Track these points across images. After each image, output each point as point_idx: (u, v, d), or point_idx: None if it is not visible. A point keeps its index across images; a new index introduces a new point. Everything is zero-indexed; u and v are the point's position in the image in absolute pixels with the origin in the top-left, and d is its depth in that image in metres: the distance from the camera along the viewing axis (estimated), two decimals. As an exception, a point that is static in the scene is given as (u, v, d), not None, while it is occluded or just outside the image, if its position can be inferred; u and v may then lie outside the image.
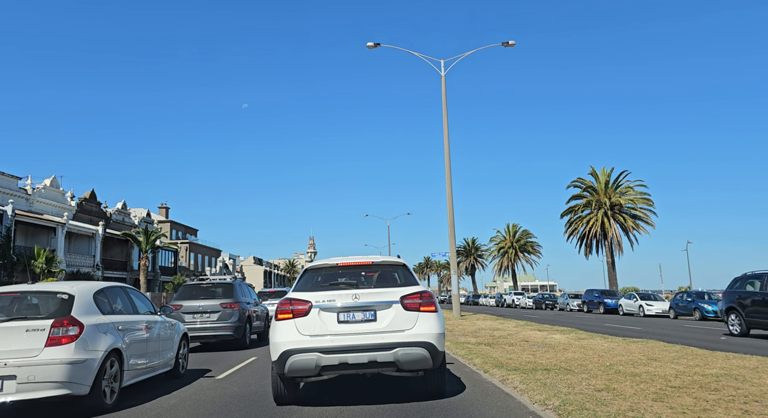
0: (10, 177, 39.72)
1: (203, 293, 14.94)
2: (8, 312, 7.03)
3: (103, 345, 7.11)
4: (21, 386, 6.36)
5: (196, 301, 14.52)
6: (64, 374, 6.51)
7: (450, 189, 27.85)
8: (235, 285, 15.54)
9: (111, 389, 7.28)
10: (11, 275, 34.80)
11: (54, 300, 7.24)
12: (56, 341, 6.62)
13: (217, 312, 14.35)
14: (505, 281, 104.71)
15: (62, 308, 7.04)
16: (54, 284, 7.97)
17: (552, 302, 48.04)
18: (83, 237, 46.14)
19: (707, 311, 26.87)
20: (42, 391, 6.44)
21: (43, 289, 7.58)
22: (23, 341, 6.57)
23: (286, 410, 6.71)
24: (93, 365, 6.85)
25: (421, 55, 29.14)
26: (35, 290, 7.49)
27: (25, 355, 6.47)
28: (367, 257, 7.52)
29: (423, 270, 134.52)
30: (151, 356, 8.66)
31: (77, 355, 6.67)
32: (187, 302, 14.48)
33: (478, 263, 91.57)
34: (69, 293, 7.27)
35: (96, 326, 7.17)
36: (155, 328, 8.97)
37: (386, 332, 6.46)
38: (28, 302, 7.36)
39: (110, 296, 8.16)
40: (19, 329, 6.65)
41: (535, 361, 9.85)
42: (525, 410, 6.38)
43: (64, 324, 6.76)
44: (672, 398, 6.42)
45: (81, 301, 7.28)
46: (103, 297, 7.88)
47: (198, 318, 14.29)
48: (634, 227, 48.02)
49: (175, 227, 72.36)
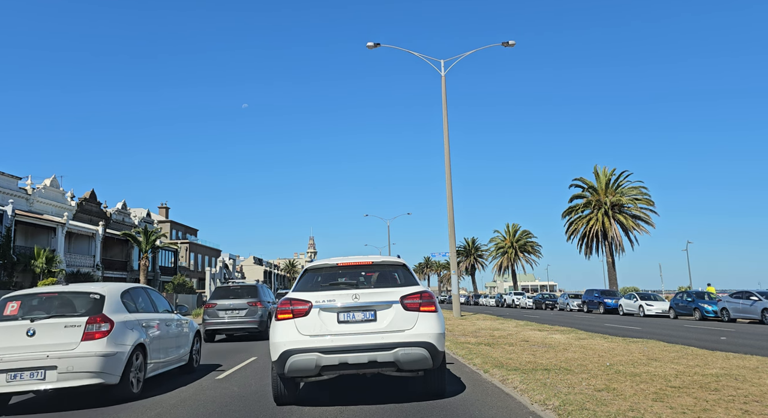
0: (10, 177, 39.71)
1: (232, 293, 17.83)
2: (48, 310, 7.79)
3: (130, 340, 7.92)
4: (61, 376, 7.18)
5: (227, 300, 17.41)
6: (97, 366, 7.34)
7: (450, 189, 27.85)
8: (258, 287, 18.51)
9: (137, 379, 8.10)
10: (11, 275, 34.75)
11: (87, 299, 8.03)
12: (91, 336, 7.46)
13: (245, 309, 17.22)
14: (505, 281, 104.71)
15: (95, 307, 7.86)
16: (86, 285, 8.75)
17: (552, 302, 48.02)
18: (83, 237, 46.13)
19: (707, 311, 26.87)
20: (79, 380, 7.26)
21: (77, 289, 8.35)
22: (62, 335, 7.38)
23: (286, 410, 6.71)
24: (122, 358, 7.66)
25: (421, 55, 29.16)
26: (70, 291, 8.27)
27: (64, 348, 7.28)
28: (367, 257, 7.51)
29: (423, 270, 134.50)
30: (170, 350, 9.48)
31: (109, 348, 7.49)
32: (220, 301, 17.42)
33: (478, 263, 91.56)
34: (100, 293, 8.10)
35: (124, 323, 7.99)
36: (173, 325, 9.78)
37: (386, 332, 6.46)
38: (64, 301, 8.07)
39: (134, 295, 9.01)
40: (59, 325, 7.46)
41: (535, 361, 9.85)
42: (525, 410, 6.38)
43: (97, 321, 7.59)
44: (672, 398, 6.42)
45: (110, 300, 8.13)
46: (128, 297, 8.73)
47: (229, 314, 17.22)
48: (635, 226, 48.02)
49: (175, 227, 72.33)
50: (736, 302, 25.06)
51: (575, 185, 52.11)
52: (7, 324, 7.47)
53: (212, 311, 17.29)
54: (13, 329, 7.40)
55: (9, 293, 7.93)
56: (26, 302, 7.93)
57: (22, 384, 7.17)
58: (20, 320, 7.51)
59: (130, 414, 6.91)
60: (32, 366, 7.16)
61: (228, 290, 18.19)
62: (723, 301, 26.37)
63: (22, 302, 7.90)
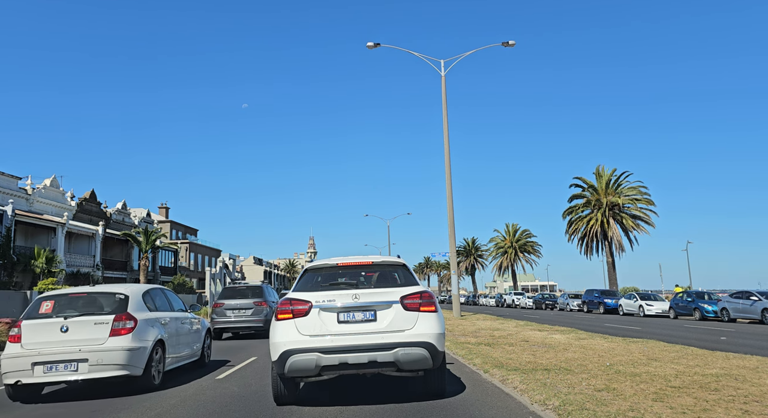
0: (10, 177, 39.70)
1: (239, 293, 18.71)
2: (78, 308, 8.51)
3: (151, 336, 8.70)
4: (91, 368, 7.97)
5: (235, 300, 18.29)
6: (124, 359, 8.10)
7: (450, 189, 27.85)
8: (264, 287, 19.49)
9: (158, 371, 8.85)
10: (11, 275, 34.74)
11: (113, 299, 8.77)
12: (117, 332, 8.21)
13: (251, 308, 18.09)
14: (505, 281, 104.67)
15: (120, 306, 8.60)
16: (111, 286, 9.46)
17: (552, 302, 48.00)
18: (83, 237, 46.11)
19: (707, 311, 26.86)
20: (107, 372, 8.04)
21: (104, 290, 9.12)
22: (92, 331, 8.16)
23: (286, 410, 6.71)
24: (145, 352, 8.43)
25: (421, 55, 29.16)
26: (98, 291, 9.04)
27: (94, 343, 8.06)
28: (367, 257, 7.51)
29: (423, 270, 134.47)
30: (185, 346, 10.25)
31: (133, 343, 8.25)
32: (228, 301, 18.31)
33: (478, 263, 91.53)
34: (125, 294, 8.86)
35: (146, 320, 8.77)
36: (187, 323, 10.59)
37: (386, 332, 6.45)
38: (92, 300, 8.81)
39: (153, 295, 9.75)
40: (89, 322, 8.23)
41: (535, 361, 9.85)
42: (525, 410, 6.38)
43: (122, 319, 8.34)
44: (672, 398, 6.42)
45: (134, 300, 8.86)
46: (148, 297, 9.46)
47: (236, 313, 18.09)
48: (635, 226, 48.01)
49: (175, 227, 72.31)
50: (736, 302, 25.06)
51: (575, 185, 52.12)
52: (43, 321, 8.24)
53: (220, 310, 18.17)
54: (48, 325, 8.17)
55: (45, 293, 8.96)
56: (59, 302, 8.62)
57: (58, 375, 7.94)
58: (54, 318, 8.26)
59: (129, 414, 6.91)
60: (66, 359, 7.95)
61: (235, 291, 19.06)
62: (723, 301, 26.36)
63: (55, 301, 8.62)
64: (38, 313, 8.42)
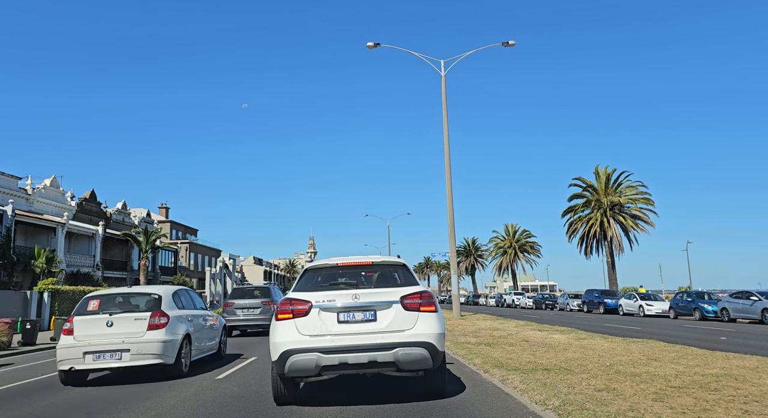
0: (10, 177, 39.69)
1: (248, 294, 20.07)
2: (120, 307, 9.99)
3: (181, 331, 10.08)
4: (133, 357, 9.37)
5: (244, 300, 19.60)
6: (159, 349, 9.47)
7: (450, 189, 27.84)
8: (270, 288, 20.78)
9: (186, 361, 10.22)
10: (11, 275, 34.71)
11: (149, 298, 10.18)
12: (154, 327, 9.57)
13: (259, 308, 19.29)
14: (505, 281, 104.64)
15: (155, 304, 9.98)
16: (146, 287, 10.94)
17: (552, 302, 47.97)
18: (83, 237, 46.10)
19: (707, 311, 26.85)
20: (145, 360, 9.41)
21: (141, 290, 10.61)
22: (133, 326, 9.54)
23: (286, 410, 6.71)
24: (176, 344, 9.80)
25: (421, 55, 29.15)
26: (136, 292, 10.55)
27: (135, 336, 9.46)
28: (367, 257, 7.50)
29: (423, 270, 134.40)
30: (207, 340, 11.58)
31: (167, 336, 9.62)
32: (238, 300, 19.64)
33: (478, 263, 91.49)
34: (158, 294, 10.24)
35: (176, 317, 10.13)
36: (208, 320, 11.95)
37: (386, 332, 6.44)
38: (131, 299, 10.29)
39: (180, 295, 11.05)
40: (130, 318, 9.64)
41: (535, 361, 9.84)
42: (525, 410, 6.37)
43: (157, 315, 9.71)
44: (672, 398, 6.41)
45: (165, 299, 10.20)
46: (177, 296, 10.76)
47: (245, 312, 19.36)
48: (634, 226, 47.99)
49: (175, 227, 72.28)
50: (736, 302, 25.05)
51: (575, 185, 52.11)
52: (92, 317, 9.65)
53: (230, 309, 19.44)
54: (96, 321, 9.59)
55: (91, 293, 10.57)
56: (103, 300, 10.07)
57: (105, 363, 9.37)
58: (101, 314, 9.69)
59: (129, 414, 6.91)
60: (112, 349, 9.37)
61: (244, 291, 20.54)
62: (723, 301, 26.35)
63: (100, 300, 10.06)
64: (86, 310, 9.85)
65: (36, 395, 8.75)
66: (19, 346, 18.19)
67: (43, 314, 29.14)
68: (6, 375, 11.67)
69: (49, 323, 28.90)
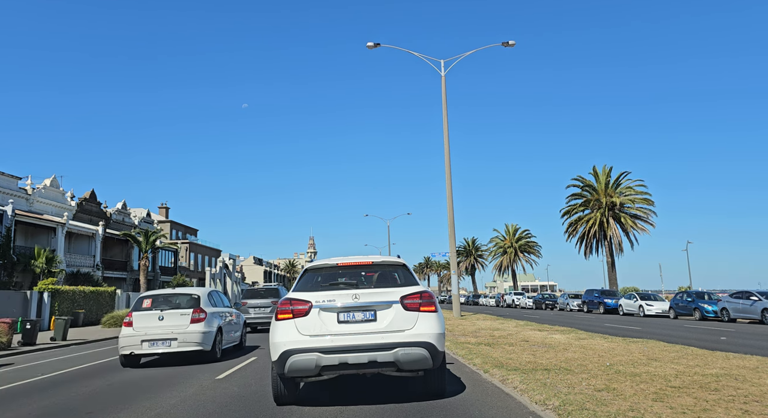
0: (10, 177, 39.69)
1: (258, 294, 22.70)
2: (168, 304, 12.30)
3: (215, 324, 12.36)
4: (180, 344, 11.71)
5: (255, 299, 22.15)
6: (200, 339, 11.80)
7: (450, 189, 27.84)
8: (279, 289, 23.34)
9: (219, 349, 12.48)
10: (11, 275, 34.71)
11: (190, 298, 12.48)
12: (195, 321, 11.91)
13: (269, 307, 21.62)
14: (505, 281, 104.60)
15: (195, 302, 12.31)
16: (188, 288, 13.32)
17: (552, 302, 47.98)
18: (83, 237, 46.09)
19: (707, 311, 26.85)
20: (189, 347, 11.74)
21: (183, 291, 12.92)
22: (179, 320, 11.90)
23: (286, 410, 6.71)
24: (212, 335, 12.09)
25: (421, 55, 29.15)
26: (179, 292, 12.82)
27: (180, 327, 11.81)
28: (367, 257, 7.50)
29: (423, 270, 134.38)
30: (233, 332, 13.87)
31: (205, 328, 11.94)
32: (250, 300, 22.20)
33: (478, 263, 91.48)
34: (197, 294, 12.62)
35: (211, 313, 12.43)
36: (233, 316, 14.17)
37: (386, 332, 6.44)
38: (176, 298, 12.53)
39: (213, 296, 13.40)
40: (176, 313, 12.00)
41: (535, 361, 9.84)
42: (525, 410, 6.37)
43: (198, 311, 12.04)
44: (672, 398, 6.41)
45: (203, 298, 12.56)
46: (210, 296, 13.13)
47: (256, 310, 21.71)
48: (634, 226, 47.97)
49: (175, 227, 72.26)
50: (736, 302, 25.05)
51: (574, 185, 52.09)
52: (147, 313, 12.02)
53: (244, 308, 21.51)
54: (150, 315, 11.95)
55: (144, 293, 12.95)
56: (155, 299, 12.43)
57: (158, 348, 11.66)
58: (153, 310, 12.05)
59: (129, 414, 6.91)
60: (163, 338, 11.66)
61: (255, 292, 23.06)
62: (723, 301, 26.35)
63: (152, 299, 12.44)
64: (142, 307, 12.20)
65: (36, 395, 8.74)
66: (19, 346, 18.18)
67: (43, 314, 29.14)
68: (6, 375, 11.67)
69: (49, 323, 28.91)
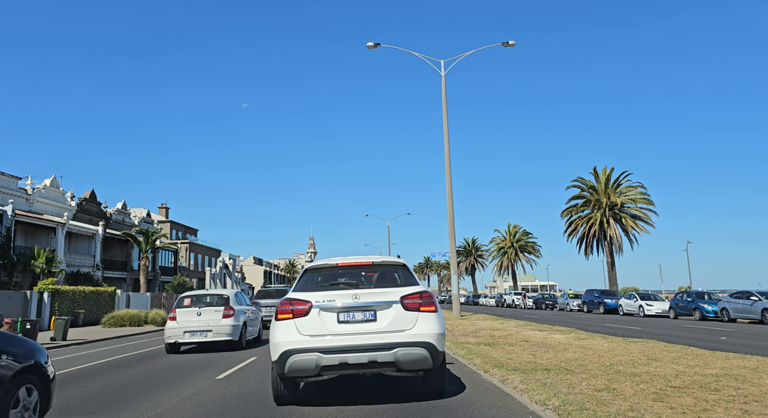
0: (10, 177, 39.69)
1: (269, 295, 25.42)
2: (204, 303, 15.12)
3: (241, 319, 15.07)
4: (214, 335, 14.47)
5: (266, 299, 24.85)
6: (230, 331, 14.56)
7: (450, 189, 27.84)
8: (288, 290, 24.51)
9: (245, 339, 15.35)
10: (11, 275, 34.71)
11: (221, 297, 15.29)
12: (226, 316, 14.65)
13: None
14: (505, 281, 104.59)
15: (226, 301, 15.11)
16: (219, 290, 15.97)
17: (552, 302, 47.99)
18: (83, 237, 46.09)
19: (707, 311, 26.85)
20: (222, 337, 14.49)
21: (215, 292, 15.60)
22: (213, 315, 14.64)
23: (286, 410, 6.70)
24: (239, 328, 14.85)
25: (421, 55, 29.15)
26: (212, 293, 15.53)
27: (214, 322, 14.55)
28: (367, 257, 7.49)
29: (423, 270, 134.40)
30: (253, 327, 16.54)
31: (234, 322, 14.68)
32: (261, 300, 25.03)
33: (478, 263, 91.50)
34: (227, 294, 15.38)
35: (238, 310, 15.16)
36: (253, 313, 16.92)
37: (386, 332, 6.44)
38: (210, 297, 15.33)
39: (238, 296, 16.07)
40: (211, 310, 14.73)
41: (535, 361, 9.84)
42: (525, 410, 6.37)
43: (228, 309, 14.76)
44: (672, 398, 6.41)
45: (232, 298, 15.30)
46: (236, 296, 15.83)
47: (266, 310, 23.77)
48: (634, 226, 47.98)
49: (175, 227, 72.27)
50: (736, 302, 25.05)
51: (574, 185, 52.08)
52: (187, 309, 14.79)
53: (257, 307, 23.68)
54: (190, 312, 14.71)
55: (184, 294, 15.73)
56: (193, 299, 15.28)
57: (197, 338, 14.48)
58: (193, 307, 14.86)
59: (129, 414, 6.91)
60: (201, 330, 14.48)
61: (266, 292, 25.77)
62: (723, 301, 26.35)
63: (191, 298, 15.29)
64: (183, 305, 14.99)
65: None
66: (19, 346, 18.17)
67: (43, 314, 29.14)
68: (6, 375, 11.67)
69: (49, 323, 28.92)
